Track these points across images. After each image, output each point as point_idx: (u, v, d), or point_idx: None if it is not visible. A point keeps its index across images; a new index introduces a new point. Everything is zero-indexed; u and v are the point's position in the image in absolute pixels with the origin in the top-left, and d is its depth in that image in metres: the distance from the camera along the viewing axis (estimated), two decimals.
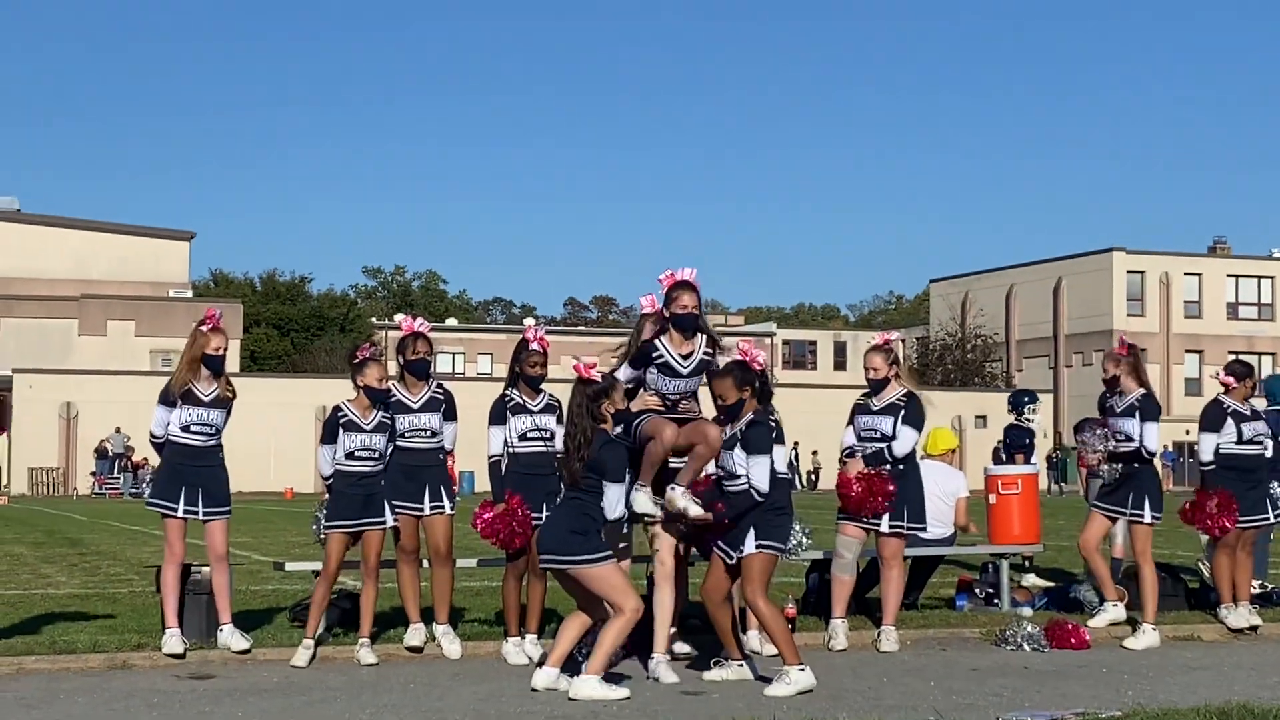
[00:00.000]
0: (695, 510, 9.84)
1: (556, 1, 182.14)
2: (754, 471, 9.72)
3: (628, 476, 9.73)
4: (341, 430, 11.13)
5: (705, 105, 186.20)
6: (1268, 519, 13.17)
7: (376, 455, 11.18)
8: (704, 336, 10.45)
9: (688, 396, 10.42)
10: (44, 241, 74.90)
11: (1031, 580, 15.89)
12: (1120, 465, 12.50)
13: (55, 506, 47.19)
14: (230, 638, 11.11)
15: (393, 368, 11.49)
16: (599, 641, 9.55)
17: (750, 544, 9.75)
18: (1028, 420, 17.31)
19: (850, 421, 12.11)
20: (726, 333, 79.72)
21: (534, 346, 11.08)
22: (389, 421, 11.25)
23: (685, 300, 10.21)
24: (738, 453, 9.78)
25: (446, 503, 11.36)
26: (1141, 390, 12.64)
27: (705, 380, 10.42)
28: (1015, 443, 17.43)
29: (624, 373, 10.32)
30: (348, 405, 11.23)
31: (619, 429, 9.89)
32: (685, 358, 10.32)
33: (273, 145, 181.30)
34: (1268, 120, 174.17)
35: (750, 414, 9.85)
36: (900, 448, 11.82)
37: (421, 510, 11.30)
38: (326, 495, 11.35)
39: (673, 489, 10.00)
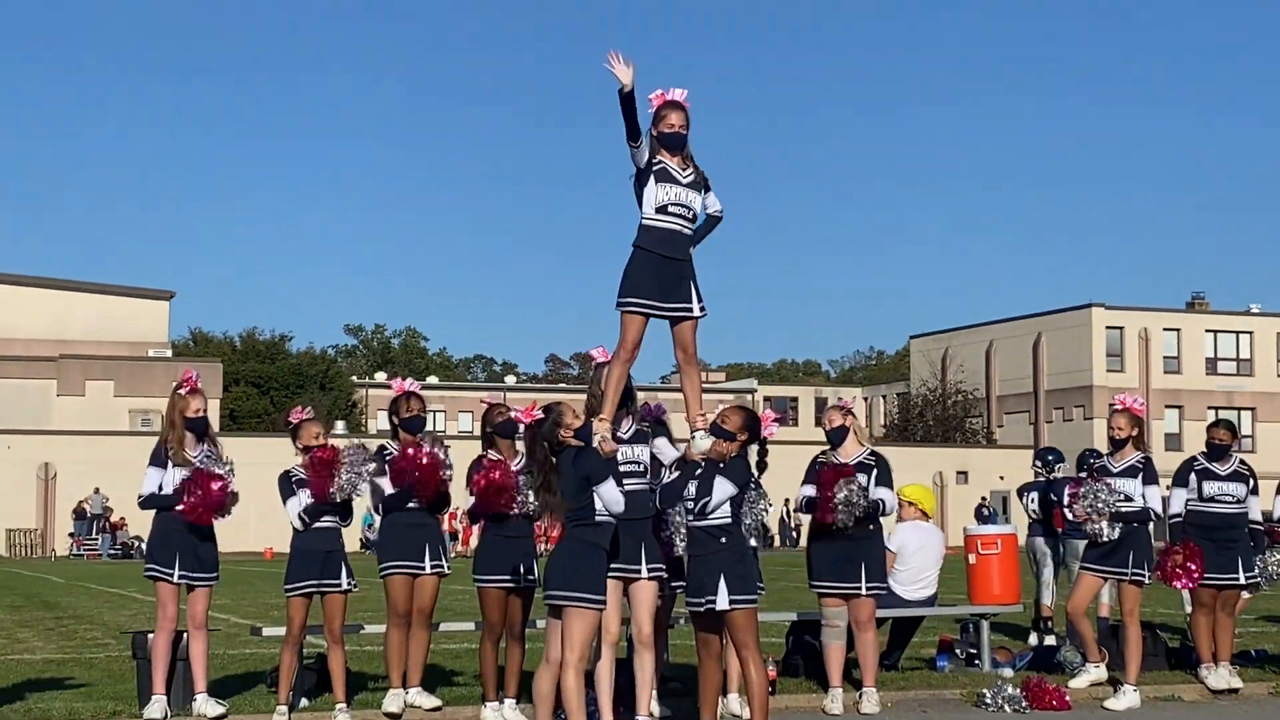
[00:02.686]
0: (712, 440, 9.89)
1: (533, 66, 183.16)
2: (716, 489, 9.80)
3: (610, 473, 9.59)
4: (298, 489, 11.21)
5: None
6: (1236, 579, 13.10)
7: (330, 512, 11.24)
8: (696, 168, 10.18)
9: (688, 216, 10.14)
10: (22, 301, 74.60)
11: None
12: (1120, 524, 12.47)
13: (33, 568, 46.88)
14: (205, 705, 11.05)
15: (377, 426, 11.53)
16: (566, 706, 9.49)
17: (724, 598, 9.77)
18: (1040, 475, 17.43)
19: (813, 479, 12.02)
20: (707, 389, 79.61)
21: (493, 401, 11.26)
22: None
23: (673, 119, 10.11)
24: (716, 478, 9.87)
25: (444, 563, 11.37)
26: (1142, 453, 12.70)
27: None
28: (1020, 493, 17.71)
29: (641, 152, 9.97)
30: (298, 469, 11.31)
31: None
32: (682, 168, 10.23)
33: (252, 203, 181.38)
34: (1245, 176, 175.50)
35: (734, 454, 9.94)
36: (890, 505, 11.90)
37: (421, 569, 11.27)
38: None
39: (693, 435, 9.99)
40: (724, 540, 9.87)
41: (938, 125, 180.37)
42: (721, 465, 9.87)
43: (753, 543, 10.37)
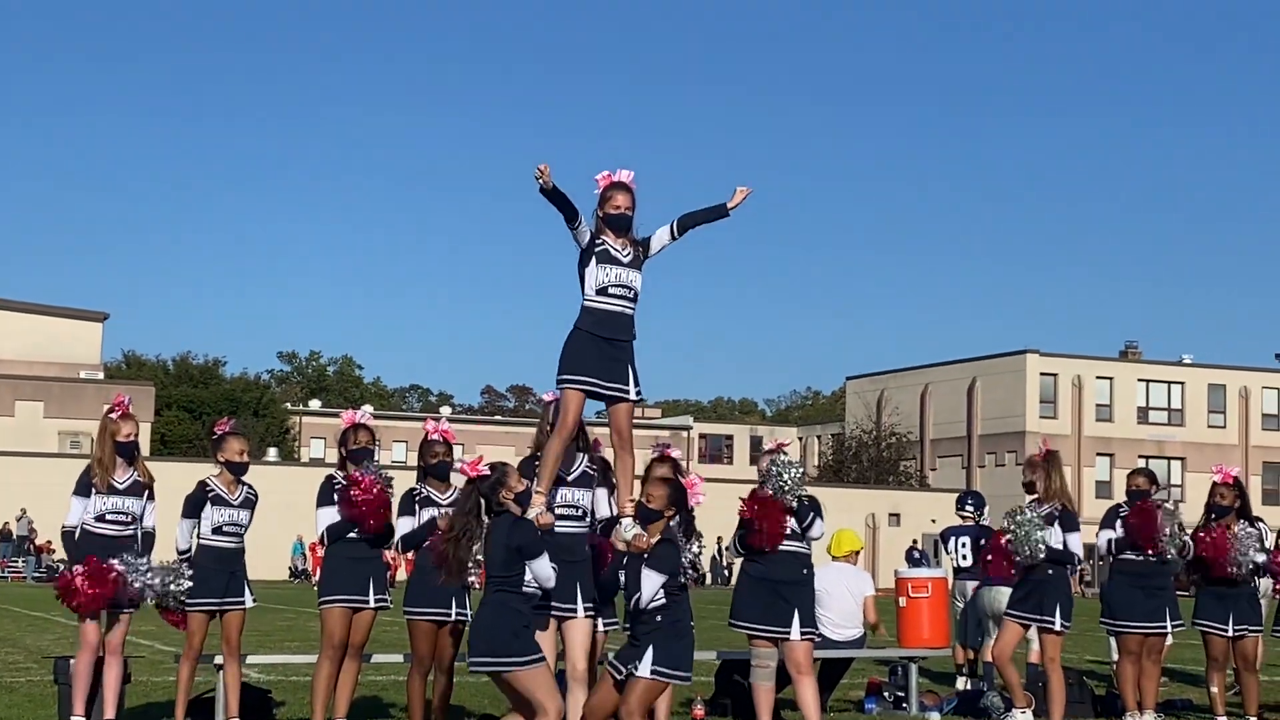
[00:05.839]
0: (636, 530, 9.79)
1: (473, 92, 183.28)
2: (645, 584, 9.65)
3: (544, 549, 9.46)
4: (209, 504, 11.15)
5: None
6: (1164, 629, 13.10)
7: (241, 531, 11.24)
8: (636, 244, 10.20)
9: (629, 296, 10.15)
10: None
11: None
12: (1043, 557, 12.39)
13: None
14: None
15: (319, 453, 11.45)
16: None
17: (646, 666, 9.63)
18: (970, 519, 17.49)
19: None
20: (641, 425, 79.56)
21: (434, 436, 11.16)
22: (254, 497, 11.38)
23: (619, 200, 10.19)
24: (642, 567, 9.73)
25: (387, 597, 11.28)
26: (1059, 500, 12.59)
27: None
28: (945, 536, 17.81)
29: (583, 233, 10.03)
30: (214, 480, 11.23)
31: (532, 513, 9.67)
32: (623, 249, 10.29)
33: (188, 227, 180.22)
34: (1179, 228, 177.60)
35: (660, 535, 9.74)
36: (815, 532, 11.78)
37: (365, 602, 11.16)
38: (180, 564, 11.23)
39: (620, 523, 9.90)
40: (659, 619, 9.72)
41: (876, 170, 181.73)
42: (647, 556, 9.73)
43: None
